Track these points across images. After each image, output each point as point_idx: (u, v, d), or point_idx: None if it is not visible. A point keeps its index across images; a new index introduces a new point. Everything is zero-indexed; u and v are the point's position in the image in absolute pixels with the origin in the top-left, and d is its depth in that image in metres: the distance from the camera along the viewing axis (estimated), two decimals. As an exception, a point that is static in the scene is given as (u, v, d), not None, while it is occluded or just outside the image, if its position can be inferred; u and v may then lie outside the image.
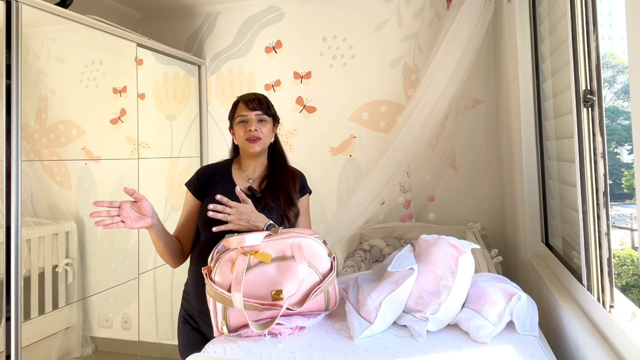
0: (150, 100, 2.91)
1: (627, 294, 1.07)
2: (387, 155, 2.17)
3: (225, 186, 1.47)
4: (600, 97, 1.14)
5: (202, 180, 1.50)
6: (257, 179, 1.52)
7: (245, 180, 1.51)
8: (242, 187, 1.47)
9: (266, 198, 1.46)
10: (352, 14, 2.96)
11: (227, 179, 1.50)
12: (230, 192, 1.40)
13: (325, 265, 1.25)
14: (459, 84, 2.20)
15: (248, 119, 1.46)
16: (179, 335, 1.52)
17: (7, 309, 1.78)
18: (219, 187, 1.47)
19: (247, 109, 1.47)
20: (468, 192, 2.77)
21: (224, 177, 1.50)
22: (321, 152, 3.02)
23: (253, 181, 1.51)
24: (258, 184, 1.51)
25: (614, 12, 4.57)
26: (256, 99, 1.49)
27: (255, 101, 1.48)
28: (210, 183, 1.49)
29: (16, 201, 1.81)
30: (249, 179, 1.52)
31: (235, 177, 1.51)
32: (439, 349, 1.07)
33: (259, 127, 1.46)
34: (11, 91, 1.83)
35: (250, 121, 1.46)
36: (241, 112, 1.48)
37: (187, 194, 1.51)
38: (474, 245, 1.22)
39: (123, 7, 3.21)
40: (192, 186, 1.50)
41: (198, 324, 1.46)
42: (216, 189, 1.45)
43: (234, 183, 1.48)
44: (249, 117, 1.46)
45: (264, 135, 1.47)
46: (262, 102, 1.50)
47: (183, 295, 1.54)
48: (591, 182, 1.19)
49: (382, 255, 2.54)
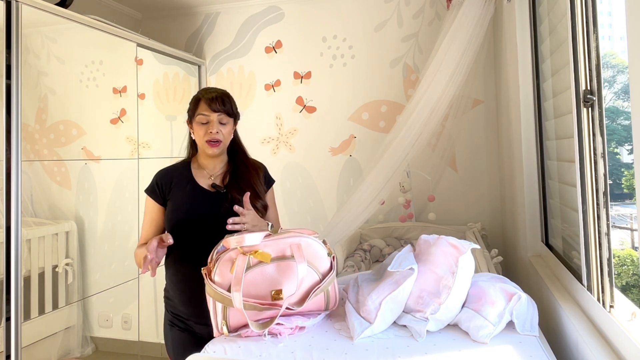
0: (150, 100, 2.92)
1: (627, 294, 1.07)
2: (387, 155, 2.17)
3: (188, 187, 1.45)
4: (600, 97, 1.14)
5: (162, 185, 1.46)
6: (219, 175, 1.50)
7: (206, 178, 1.49)
8: (204, 184, 1.46)
9: (232, 192, 1.44)
10: (352, 14, 2.95)
11: (188, 180, 1.47)
12: (192, 190, 1.42)
13: (325, 265, 1.25)
14: (459, 84, 2.20)
15: (209, 120, 1.43)
16: (167, 338, 1.49)
17: (7, 309, 1.78)
18: (181, 189, 1.45)
19: (210, 109, 1.43)
20: (468, 192, 2.77)
21: (185, 179, 1.47)
22: (321, 152, 3.02)
23: (215, 177, 1.49)
24: (221, 180, 1.49)
25: (614, 12, 4.57)
26: (219, 99, 1.44)
27: (218, 101, 1.43)
28: (170, 187, 1.46)
29: (16, 201, 1.81)
30: (210, 175, 1.49)
31: (196, 176, 1.48)
32: (439, 349, 1.07)
33: (220, 129, 1.44)
34: (11, 91, 1.83)
35: (212, 123, 1.43)
36: (202, 111, 1.44)
37: (148, 201, 1.48)
38: (474, 245, 1.22)
39: (123, 7, 3.21)
40: (154, 193, 1.47)
41: (188, 325, 1.45)
42: (178, 192, 1.44)
43: (197, 183, 1.46)
44: (211, 118, 1.43)
45: (224, 138, 1.45)
46: (225, 102, 1.45)
47: (165, 301, 1.51)
48: (591, 182, 1.19)
49: (382, 255, 2.54)
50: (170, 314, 1.48)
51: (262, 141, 3.12)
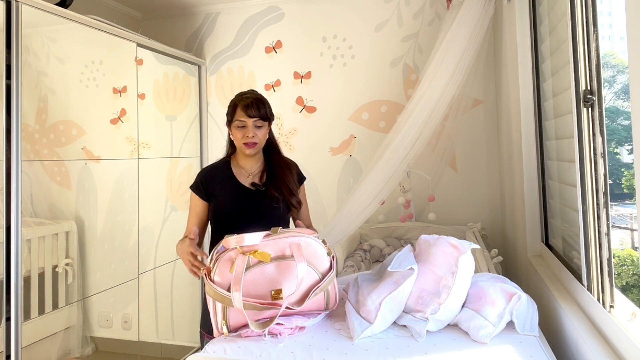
0: (150, 100, 2.91)
1: (627, 294, 1.07)
2: (387, 155, 2.17)
3: (231, 186, 1.59)
4: (600, 97, 1.14)
5: (206, 183, 1.60)
6: (257, 173, 1.63)
7: (246, 177, 1.61)
8: (245, 182, 1.59)
9: (270, 190, 1.57)
10: (352, 14, 2.95)
11: (230, 177, 1.60)
12: (235, 189, 1.56)
13: (325, 264, 1.25)
14: (459, 84, 2.20)
15: (246, 125, 1.54)
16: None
17: (7, 309, 1.78)
18: (225, 186, 1.59)
19: (246, 115, 1.54)
20: (468, 192, 2.77)
21: (227, 177, 1.61)
22: (321, 152, 3.02)
23: (253, 176, 1.62)
24: (259, 179, 1.62)
25: (614, 12, 4.57)
26: (254, 105, 1.54)
27: (253, 107, 1.54)
28: (214, 184, 1.60)
29: (16, 201, 1.81)
30: (249, 175, 1.62)
31: (237, 175, 1.61)
32: (439, 349, 1.07)
33: (256, 133, 1.55)
34: (11, 91, 1.83)
35: (248, 128, 1.54)
36: (239, 117, 1.55)
37: (193, 196, 1.62)
38: (474, 245, 1.22)
39: (123, 7, 3.21)
40: (198, 190, 1.61)
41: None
42: (222, 189, 1.58)
43: (238, 181, 1.60)
44: (247, 123, 1.54)
45: (260, 140, 1.57)
46: (260, 108, 1.55)
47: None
48: (591, 182, 1.19)
49: (382, 255, 2.54)
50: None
51: (262, 141, 3.12)
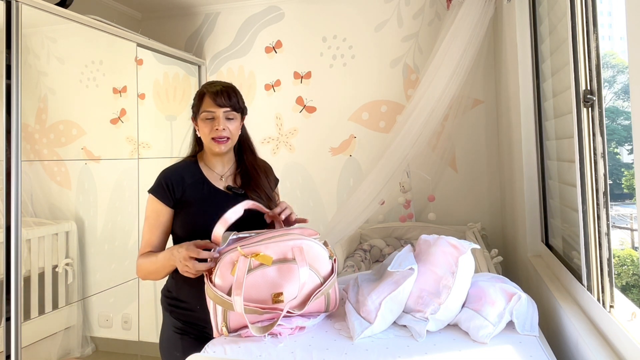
0: (150, 100, 2.92)
1: (627, 294, 1.08)
2: (387, 155, 2.17)
3: (204, 190, 1.37)
4: (600, 97, 1.14)
5: (173, 185, 1.35)
6: (229, 176, 1.44)
7: (218, 179, 1.42)
8: (218, 186, 1.40)
9: (250, 196, 1.38)
10: (352, 14, 2.95)
11: (201, 180, 1.39)
12: (210, 194, 1.35)
13: (326, 268, 1.23)
14: (459, 84, 2.20)
15: (215, 117, 1.34)
16: (174, 348, 1.35)
17: (7, 309, 1.78)
18: (196, 191, 1.36)
19: (215, 104, 1.34)
20: (468, 192, 2.77)
21: (198, 179, 1.39)
22: (321, 152, 3.02)
23: (226, 179, 1.43)
24: (232, 181, 1.43)
25: (614, 12, 4.57)
26: (224, 93, 1.35)
27: (223, 95, 1.34)
28: (183, 187, 1.36)
29: (16, 201, 1.81)
30: (220, 177, 1.42)
31: (208, 177, 1.41)
32: (439, 349, 1.07)
33: (227, 126, 1.35)
34: (11, 91, 1.83)
35: (218, 119, 1.34)
36: (207, 107, 1.34)
37: (154, 203, 1.35)
38: (474, 245, 1.22)
39: (123, 7, 3.21)
40: (161, 194, 1.35)
41: (202, 331, 1.35)
42: (194, 194, 1.35)
43: (212, 184, 1.39)
44: (217, 114, 1.34)
45: (232, 134, 1.37)
46: (231, 96, 1.36)
47: (173, 304, 1.38)
48: (591, 182, 1.19)
49: (382, 255, 2.54)
50: (181, 322, 1.36)
51: (262, 141, 3.12)
